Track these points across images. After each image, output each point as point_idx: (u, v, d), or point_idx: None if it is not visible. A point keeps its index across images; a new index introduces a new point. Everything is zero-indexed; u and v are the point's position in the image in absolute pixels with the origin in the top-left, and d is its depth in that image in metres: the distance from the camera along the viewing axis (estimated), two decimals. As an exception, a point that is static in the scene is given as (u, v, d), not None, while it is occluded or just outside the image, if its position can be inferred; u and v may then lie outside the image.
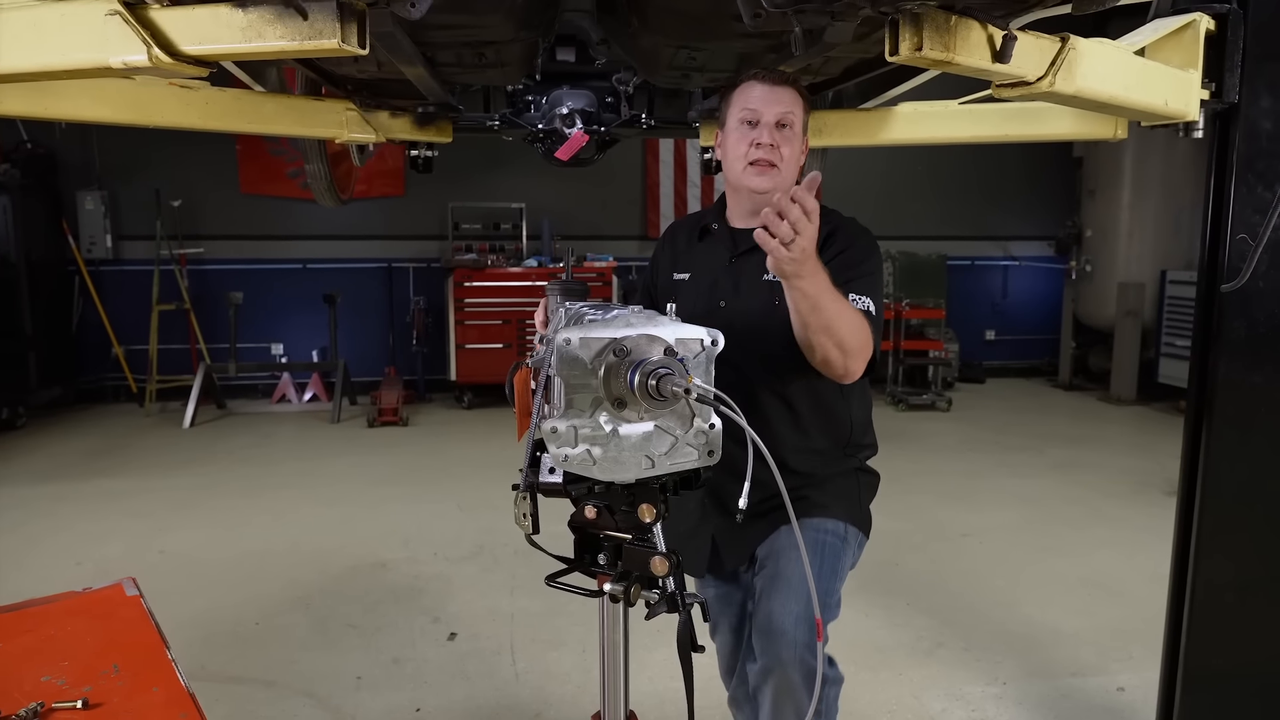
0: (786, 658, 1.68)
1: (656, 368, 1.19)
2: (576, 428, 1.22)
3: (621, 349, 1.22)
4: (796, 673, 1.67)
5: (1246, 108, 1.93)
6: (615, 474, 1.25)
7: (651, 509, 1.31)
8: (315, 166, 2.88)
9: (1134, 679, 3.02)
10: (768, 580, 1.78)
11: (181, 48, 1.25)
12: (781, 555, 1.79)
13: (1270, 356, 2.00)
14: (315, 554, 4.25)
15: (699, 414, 1.27)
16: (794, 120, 1.76)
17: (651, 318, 1.29)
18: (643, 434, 1.25)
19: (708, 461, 1.30)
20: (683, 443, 1.28)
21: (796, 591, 1.72)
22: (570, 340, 1.21)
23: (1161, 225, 7.60)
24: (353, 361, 7.70)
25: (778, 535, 1.81)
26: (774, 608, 1.73)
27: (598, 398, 1.22)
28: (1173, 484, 5.46)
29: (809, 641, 1.67)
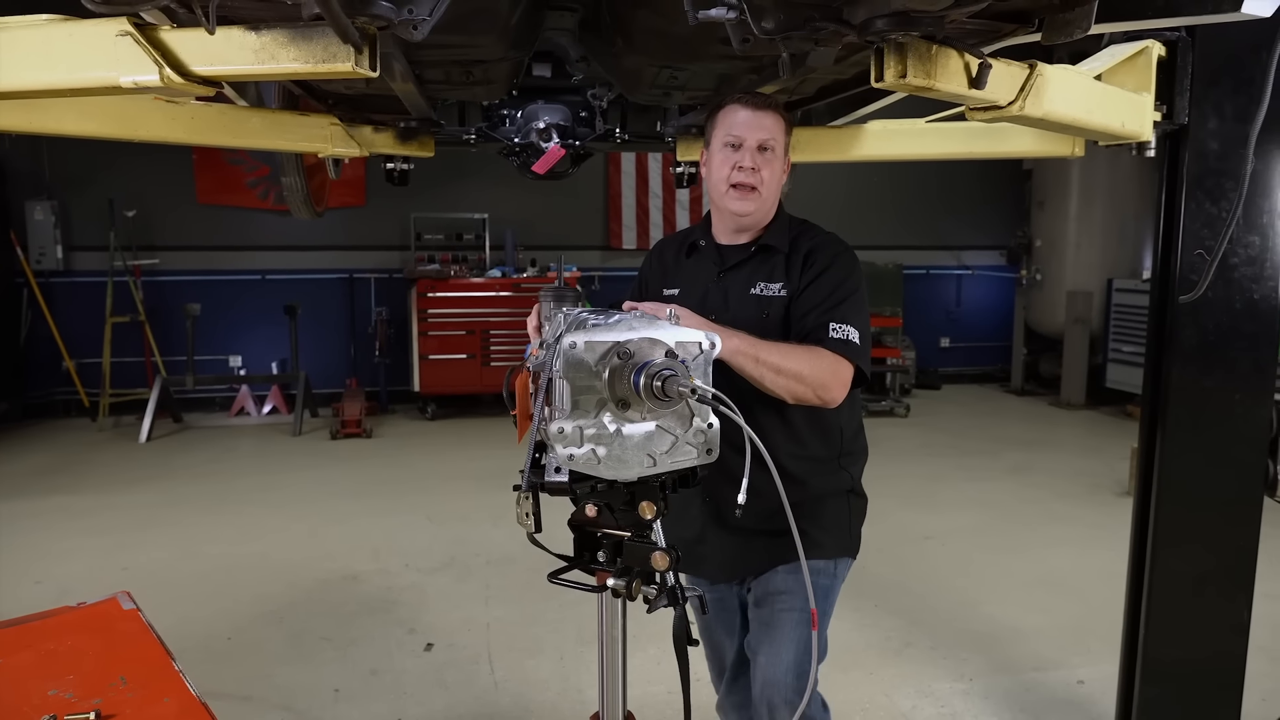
0: (776, 701, 1.79)
1: (661, 369, 1.24)
2: (582, 428, 1.27)
3: (625, 352, 1.27)
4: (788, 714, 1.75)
5: (1195, 129, 2.06)
6: (619, 472, 1.31)
7: (652, 506, 1.36)
8: (292, 179, 2.88)
9: (1093, 672, 3.15)
10: (761, 626, 1.88)
11: (192, 68, 1.28)
12: (777, 600, 1.87)
13: (1220, 362, 2.13)
14: (284, 567, 4.22)
15: (698, 414, 1.33)
16: (775, 144, 1.82)
17: (652, 322, 1.34)
18: (645, 433, 1.30)
19: (706, 459, 1.36)
20: (683, 441, 1.34)
21: (790, 641, 1.82)
22: (576, 344, 1.26)
23: (1108, 235, 7.89)
24: (314, 373, 7.62)
25: (774, 574, 1.88)
26: (768, 659, 1.84)
27: (602, 399, 1.28)
28: (1123, 484, 5.69)
29: (800, 688, 1.77)
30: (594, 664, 3.30)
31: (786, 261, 1.87)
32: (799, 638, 1.81)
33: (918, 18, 1.30)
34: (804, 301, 1.80)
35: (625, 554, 1.42)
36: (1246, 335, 2.11)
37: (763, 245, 1.89)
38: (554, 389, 1.35)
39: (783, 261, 1.87)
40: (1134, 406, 7.55)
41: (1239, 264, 2.09)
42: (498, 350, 7.62)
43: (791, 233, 1.90)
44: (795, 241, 1.88)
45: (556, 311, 1.57)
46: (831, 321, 1.73)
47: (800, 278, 1.83)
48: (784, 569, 1.86)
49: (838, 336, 1.72)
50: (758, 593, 1.91)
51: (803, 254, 1.85)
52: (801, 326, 1.77)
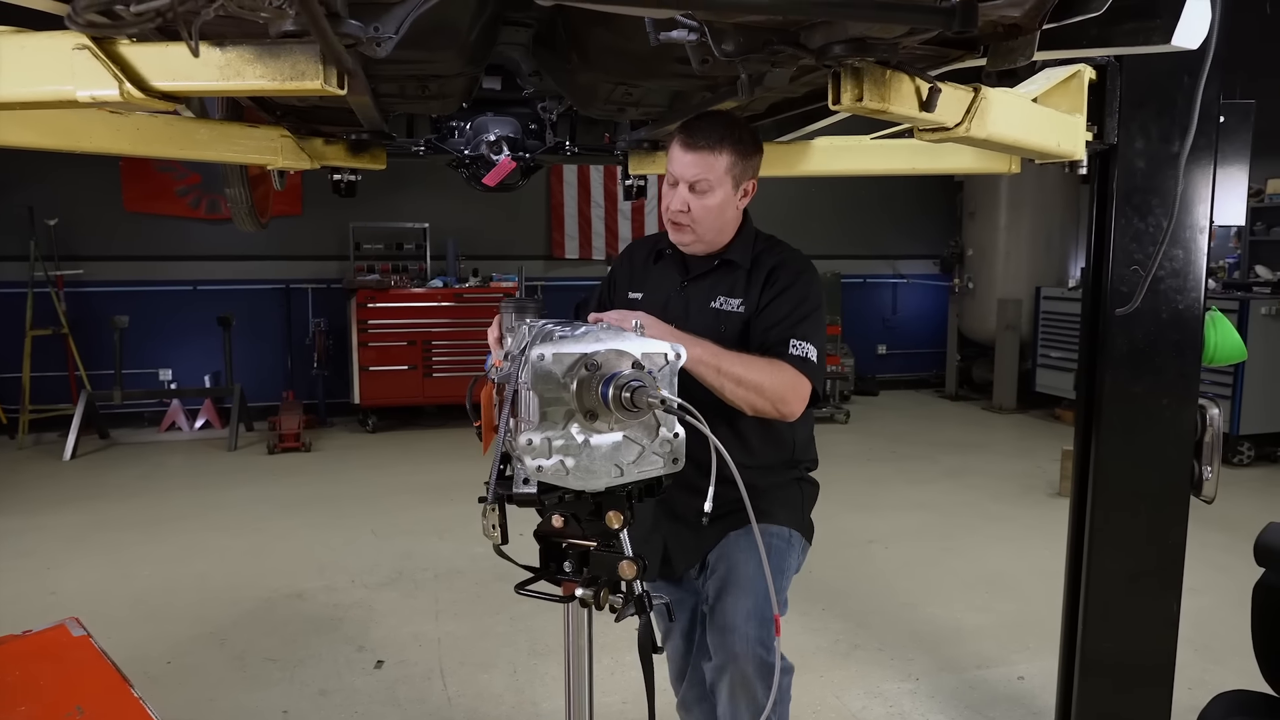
0: (740, 651, 1.78)
1: (629, 380, 1.27)
2: (550, 439, 1.29)
3: (592, 363, 1.30)
4: (750, 665, 1.76)
5: (1124, 149, 2.17)
6: (587, 483, 1.33)
7: (619, 515, 1.39)
8: (236, 191, 2.82)
9: (1032, 668, 3.27)
10: (720, 581, 1.88)
11: (153, 83, 1.26)
12: (732, 557, 1.89)
13: (1149, 369, 2.24)
14: (224, 587, 4.11)
15: (664, 424, 1.36)
16: (709, 184, 1.84)
17: (618, 333, 1.37)
18: (612, 444, 1.33)
19: (673, 469, 1.39)
20: (649, 451, 1.37)
21: (747, 590, 1.82)
22: (544, 356, 1.28)
23: (1035, 245, 8.20)
24: (249, 386, 7.42)
25: (727, 540, 1.91)
26: (727, 605, 1.82)
27: (570, 410, 1.30)
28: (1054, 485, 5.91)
29: (760, 636, 1.78)
30: (548, 676, 3.32)
31: (748, 277, 1.91)
32: (757, 588, 1.82)
33: (874, 44, 1.36)
34: (765, 317, 1.84)
35: (592, 564, 1.44)
36: (1173, 343, 2.22)
37: (725, 260, 1.94)
38: (520, 401, 1.36)
39: (744, 277, 1.92)
40: (1062, 410, 7.86)
41: (1165, 276, 2.21)
42: (440, 361, 7.54)
43: (756, 249, 1.95)
44: (759, 258, 1.93)
45: (520, 323, 1.57)
46: (793, 338, 1.78)
47: (761, 295, 1.87)
48: (736, 533, 1.90)
49: (797, 354, 1.77)
50: (713, 559, 1.93)
51: (765, 270, 1.90)
52: (763, 341, 1.81)
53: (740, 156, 1.88)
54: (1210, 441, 2.22)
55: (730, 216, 1.92)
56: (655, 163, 2.73)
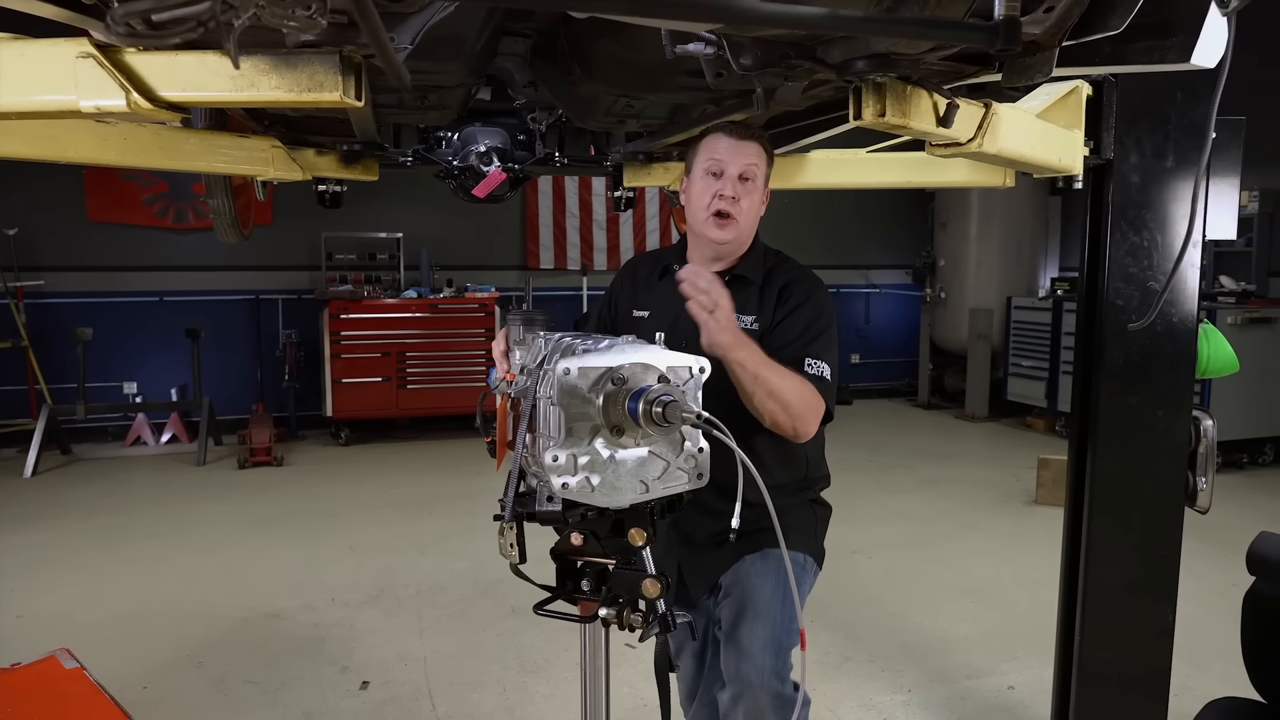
0: (755, 682, 1.75)
1: (660, 395, 1.24)
2: (576, 455, 1.26)
3: (619, 377, 1.27)
4: (765, 695, 1.74)
5: (1119, 163, 2.20)
6: (613, 499, 1.30)
7: (642, 532, 1.36)
8: (219, 201, 2.76)
9: (1022, 677, 3.29)
10: (736, 607, 1.85)
11: (161, 94, 1.22)
12: (747, 582, 1.86)
13: (1143, 380, 2.27)
14: (199, 608, 4.00)
15: (689, 439, 1.34)
16: (756, 174, 1.85)
17: (641, 346, 1.34)
18: (637, 460, 1.30)
19: (697, 484, 1.37)
20: (674, 467, 1.34)
21: (764, 618, 1.80)
22: (570, 370, 1.25)
23: (1005, 256, 8.32)
24: (217, 399, 7.26)
25: (743, 564, 1.89)
26: (743, 634, 1.80)
27: (596, 425, 1.27)
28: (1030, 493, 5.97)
29: (776, 667, 1.75)
30: (539, 694, 3.27)
31: (760, 294, 1.89)
32: (772, 616, 1.80)
33: (896, 59, 1.35)
34: (779, 335, 1.83)
35: (613, 582, 1.41)
36: (1167, 356, 2.25)
37: (737, 275, 1.91)
38: (539, 415, 1.33)
39: (756, 294, 1.90)
40: (1033, 418, 7.96)
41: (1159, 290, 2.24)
42: (414, 373, 7.45)
43: (766, 265, 1.93)
44: (770, 274, 1.91)
45: (532, 335, 1.54)
46: (808, 357, 1.77)
47: (775, 312, 1.86)
48: (751, 557, 1.88)
49: (813, 372, 1.76)
50: (727, 583, 1.91)
51: (777, 288, 1.89)
52: (777, 360, 1.79)
53: (770, 159, 1.88)
54: (1204, 453, 2.24)
55: (755, 222, 1.91)
56: (651, 175, 2.71)
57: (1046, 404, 7.71)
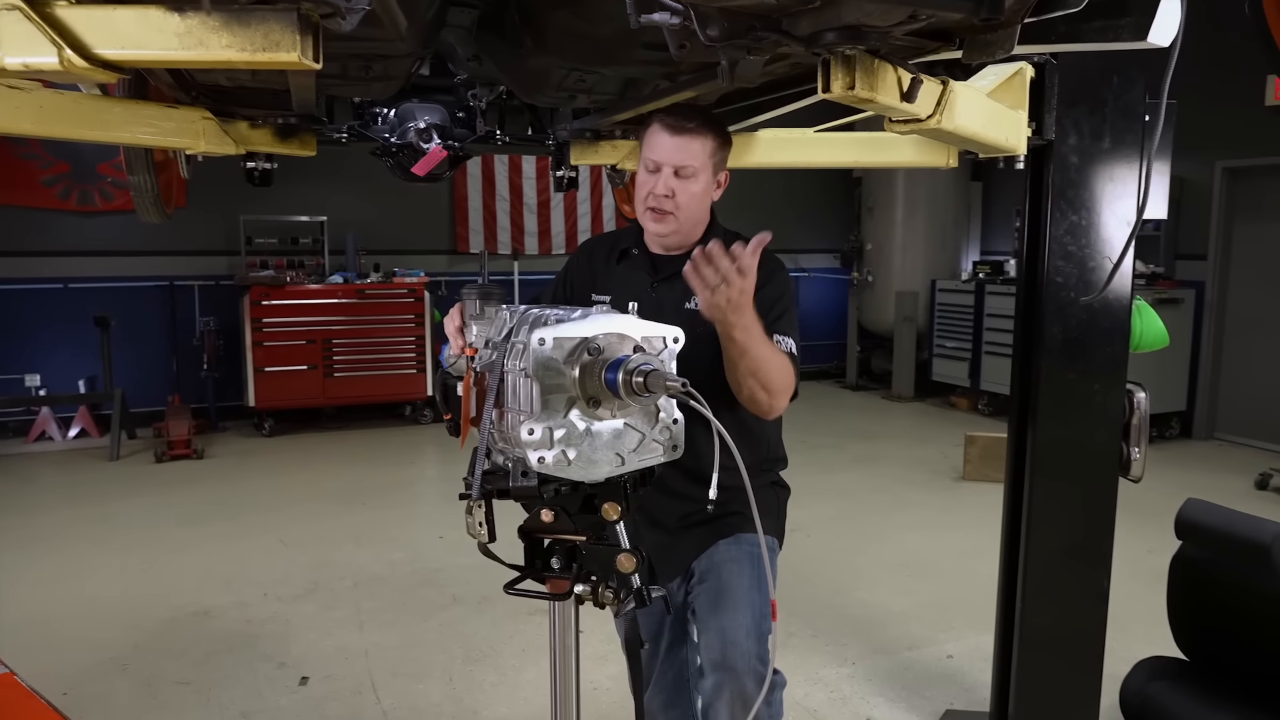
0: (742, 668, 1.76)
1: (640, 364, 1.21)
2: (551, 429, 1.23)
3: (595, 347, 1.23)
4: (750, 680, 1.75)
5: (1059, 144, 2.26)
6: (589, 473, 1.27)
7: (616, 507, 1.33)
8: (141, 178, 2.59)
9: (959, 646, 3.39)
10: (712, 595, 1.85)
11: (98, 51, 1.12)
12: (722, 569, 1.86)
13: (1081, 355, 2.35)
14: (120, 609, 3.81)
15: (663, 410, 1.32)
16: (695, 170, 1.82)
17: (616, 315, 1.31)
18: (613, 432, 1.27)
19: (672, 456, 1.35)
20: (650, 439, 1.32)
21: (744, 605, 1.81)
22: (545, 340, 1.21)
23: (930, 240, 8.54)
24: (129, 391, 6.91)
25: (715, 549, 1.88)
26: (725, 622, 1.80)
27: (572, 397, 1.23)
28: (958, 470, 6.14)
29: (759, 652, 1.77)
30: (486, 683, 3.22)
31: None
32: (753, 602, 1.81)
33: (867, 32, 1.35)
34: None
35: (587, 558, 1.38)
36: (1103, 331, 2.33)
37: None
38: (506, 389, 1.29)
39: None
40: (957, 398, 8.21)
41: (1095, 268, 2.32)
42: (341, 361, 7.25)
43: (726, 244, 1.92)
44: None
45: (491, 309, 1.49)
46: (775, 334, 1.76)
47: None
48: (724, 542, 1.88)
49: (782, 349, 1.75)
50: (701, 569, 1.90)
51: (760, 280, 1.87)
52: None
53: (719, 144, 1.85)
54: (1138, 424, 2.34)
55: (706, 207, 1.89)
56: (598, 153, 2.66)
57: (970, 383, 7.97)
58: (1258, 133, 6.46)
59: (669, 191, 1.81)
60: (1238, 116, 6.42)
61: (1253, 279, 6.80)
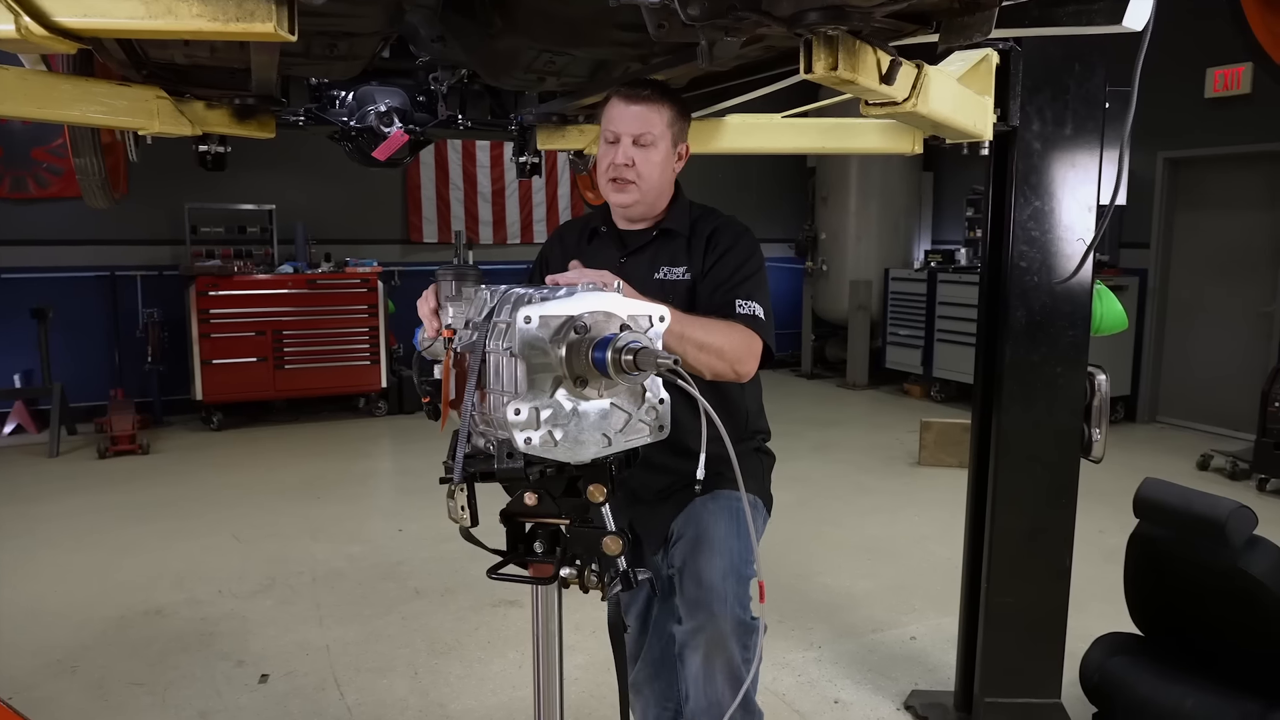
0: (718, 610, 1.76)
1: (629, 342, 1.19)
2: (538, 409, 1.20)
3: (581, 325, 1.21)
4: (728, 623, 1.74)
5: (1023, 131, 2.29)
6: (575, 454, 1.25)
7: (602, 488, 1.32)
8: (87, 161, 2.49)
9: (922, 627, 3.45)
10: (691, 544, 1.84)
11: (58, 19, 1.07)
12: (701, 520, 1.86)
13: (1044, 339, 2.39)
14: (66, 609, 3.68)
15: (650, 390, 1.30)
16: (654, 138, 1.81)
17: (602, 294, 1.28)
18: (600, 412, 1.25)
19: (658, 436, 1.33)
20: (636, 419, 1.30)
21: (721, 550, 1.80)
22: (531, 318, 1.19)
23: (883, 229, 8.65)
24: (69, 385, 6.67)
25: (693, 506, 1.88)
26: (702, 566, 1.80)
27: (558, 376, 1.21)
28: (914, 455, 6.24)
29: (739, 594, 1.77)
30: (452, 675, 3.18)
31: (688, 245, 1.88)
32: (731, 547, 1.81)
33: (850, 12, 1.34)
34: (709, 280, 1.82)
35: (572, 541, 1.36)
36: (1065, 315, 2.38)
37: (664, 229, 1.90)
38: (489, 370, 1.26)
39: (684, 245, 1.89)
40: (910, 385, 8.35)
41: (1059, 252, 2.36)
42: (292, 352, 7.09)
43: (692, 216, 1.92)
44: (696, 225, 1.91)
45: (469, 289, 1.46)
46: (737, 298, 1.76)
47: (704, 259, 1.85)
48: (702, 498, 1.87)
49: (745, 312, 1.75)
50: (679, 526, 1.90)
51: (705, 236, 1.88)
52: (709, 304, 1.78)
53: (678, 114, 1.85)
54: (1099, 405, 2.39)
55: (668, 178, 1.88)
56: (565, 138, 2.63)
57: (923, 371, 8.10)
58: (1197, 124, 6.66)
59: (629, 160, 1.80)
60: (1179, 108, 6.61)
61: (1192, 267, 7.03)
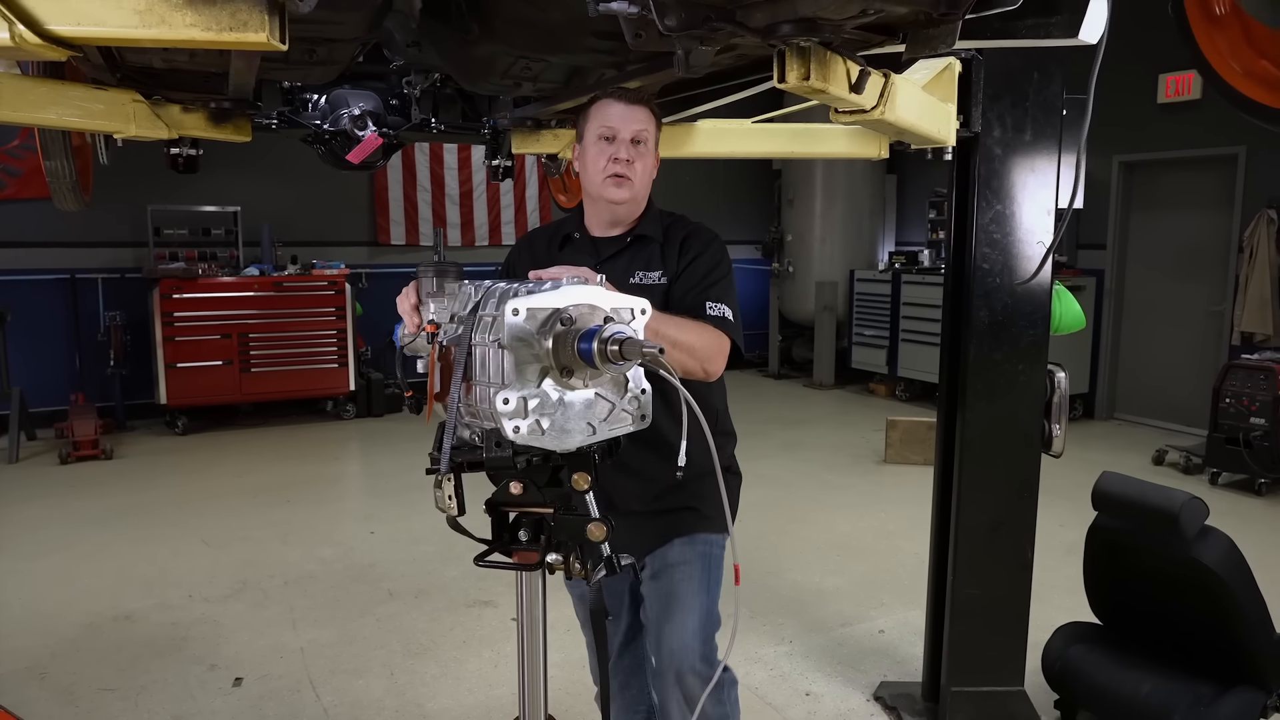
0: (686, 668, 1.84)
1: (614, 333, 1.24)
2: (526, 398, 1.24)
3: (567, 317, 1.26)
4: (696, 682, 1.82)
5: (984, 137, 2.37)
6: (562, 442, 1.29)
7: (586, 477, 1.36)
8: (58, 163, 2.47)
9: (889, 621, 3.53)
10: (663, 598, 1.91)
11: (51, 27, 1.08)
12: (675, 570, 1.92)
13: (1006, 338, 2.47)
14: (31, 615, 3.63)
15: (632, 380, 1.35)
16: (647, 137, 1.87)
17: (586, 287, 1.32)
18: (585, 401, 1.29)
19: (641, 425, 1.37)
20: (619, 409, 1.35)
21: (691, 608, 1.89)
22: (519, 311, 1.23)
23: (848, 231, 8.77)
24: (28, 389, 6.55)
25: (670, 548, 1.93)
26: (674, 628, 1.88)
27: (545, 367, 1.25)
28: (880, 454, 6.34)
29: (705, 653, 1.87)
30: (428, 675, 3.21)
31: (662, 250, 1.93)
32: (700, 605, 1.88)
33: (821, 25, 1.40)
34: (681, 284, 1.88)
35: (556, 528, 1.40)
36: (1026, 315, 2.46)
37: (638, 235, 1.94)
38: (475, 362, 1.30)
39: (659, 250, 1.93)
40: (876, 384, 8.48)
41: (1019, 254, 2.44)
42: (259, 355, 7.03)
43: (664, 222, 1.97)
44: (669, 230, 1.95)
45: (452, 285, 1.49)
46: (708, 300, 1.82)
47: (678, 264, 1.89)
48: (679, 541, 1.93)
49: (715, 314, 1.81)
50: (654, 566, 1.95)
51: (678, 242, 1.93)
52: (680, 306, 1.83)
53: (658, 123, 1.90)
54: (1058, 402, 2.48)
55: (649, 184, 1.93)
56: (540, 142, 2.67)
57: (888, 370, 8.24)
58: (1151, 128, 6.86)
59: (630, 156, 1.84)
60: (1133, 113, 6.81)
61: (1147, 267, 7.23)
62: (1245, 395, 5.28)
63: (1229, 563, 2.40)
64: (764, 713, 2.87)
